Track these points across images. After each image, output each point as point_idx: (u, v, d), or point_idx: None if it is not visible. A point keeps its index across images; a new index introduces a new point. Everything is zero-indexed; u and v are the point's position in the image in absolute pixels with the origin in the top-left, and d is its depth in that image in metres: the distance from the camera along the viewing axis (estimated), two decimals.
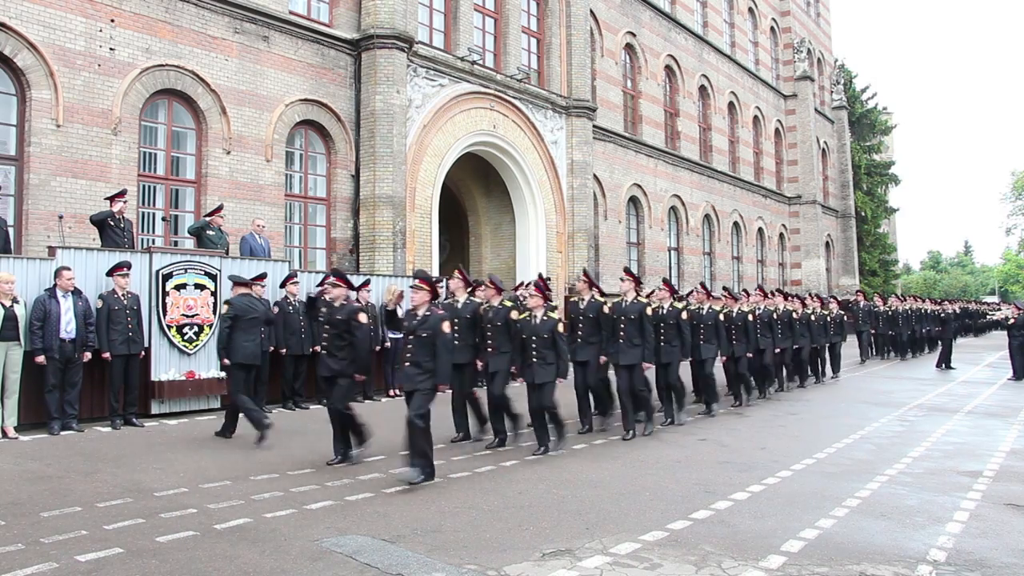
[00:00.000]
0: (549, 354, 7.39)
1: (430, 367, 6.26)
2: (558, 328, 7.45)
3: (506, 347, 7.74)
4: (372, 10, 14.05)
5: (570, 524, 5.05)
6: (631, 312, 8.45)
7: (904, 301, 21.85)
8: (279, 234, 12.99)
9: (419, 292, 6.51)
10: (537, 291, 7.69)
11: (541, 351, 7.38)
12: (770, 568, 4.28)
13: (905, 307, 20.99)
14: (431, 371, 6.25)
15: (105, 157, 10.83)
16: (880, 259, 42.31)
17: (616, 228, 21.54)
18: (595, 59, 20.84)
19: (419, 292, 6.51)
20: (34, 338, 7.95)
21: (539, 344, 7.40)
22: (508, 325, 7.78)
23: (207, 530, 4.81)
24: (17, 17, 10.00)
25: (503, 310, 7.86)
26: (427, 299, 6.50)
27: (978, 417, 10.36)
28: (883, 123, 44.89)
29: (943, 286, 71.32)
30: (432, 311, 6.41)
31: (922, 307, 22.58)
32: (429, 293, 6.51)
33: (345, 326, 6.85)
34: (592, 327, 8.61)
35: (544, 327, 7.46)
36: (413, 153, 14.93)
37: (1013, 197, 47.15)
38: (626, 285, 8.72)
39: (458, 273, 8.34)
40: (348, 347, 6.84)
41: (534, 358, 7.40)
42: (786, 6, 33.77)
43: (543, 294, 7.67)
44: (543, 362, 7.37)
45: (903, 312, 20.61)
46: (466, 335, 7.92)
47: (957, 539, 4.86)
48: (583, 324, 8.59)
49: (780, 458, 7.33)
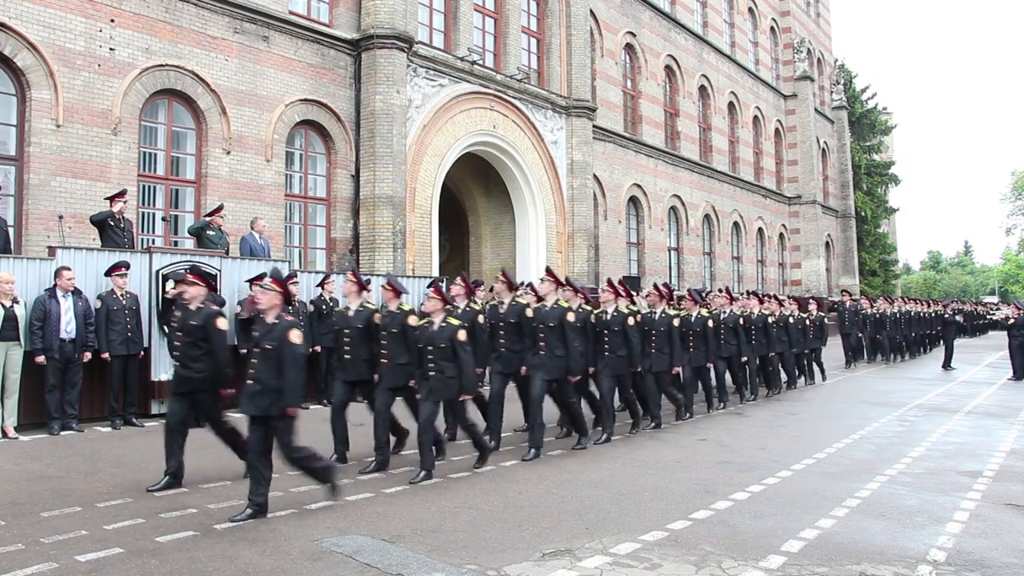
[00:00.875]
0: (448, 367, 6.34)
1: (276, 386, 5.14)
2: (458, 336, 6.36)
3: (403, 358, 6.67)
4: (372, 10, 14.05)
5: (570, 524, 5.05)
6: (551, 318, 7.48)
7: (893, 303, 20.67)
8: (279, 234, 12.99)
9: (267, 295, 5.34)
10: (435, 292, 6.61)
11: (439, 363, 6.32)
12: (770, 568, 4.28)
13: (894, 309, 19.91)
14: (278, 391, 5.13)
15: (105, 157, 10.83)
16: (880, 259, 42.33)
17: (616, 228, 21.54)
18: (595, 59, 20.84)
19: (267, 295, 5.34)
20: (34, 338, 7.94)
21: (436, 355, 6.34)
22: (404, 333, 6.68)
23: (207, 530, 4.81)
24: (17, 17, 10.00)
25: (399, 315, 6.77)
26: (277, 303, 5.35)
27: (978, 417, 10.36)
28: (883, 123, 44.90)
29: (943, 286, 71.32)
30: (281, 318, 5.29)
31: (913, 309, 21.34)
32: (280, 295, 5.37)
33: (201, 333, 5.82)
34: (514, 333, 7.71)
35: (442, 335, 6.38)
36: (413, 153, 14.93)
37: (1013, 197, 47.16)
38: (545, 287, 7.78)
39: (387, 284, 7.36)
40: (205, 358, 5.84)
41: (431, 371, 6.37)
42: (786, 6, 33.77)
43: (441, 296, 6.60)
44: (442, 375, 6.34)
45: (891, 315, 19.62)
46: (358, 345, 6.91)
47: (957, 539, 4.86)
48: (504, 331, 7.73)
49: (780, 458, 7.33)
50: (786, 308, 13.35)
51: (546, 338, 7.49)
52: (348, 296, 7.14)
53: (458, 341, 6.36)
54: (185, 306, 6.01)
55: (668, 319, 9.18)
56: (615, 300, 8.41)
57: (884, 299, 20.88)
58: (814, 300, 16.54)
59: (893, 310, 19.82)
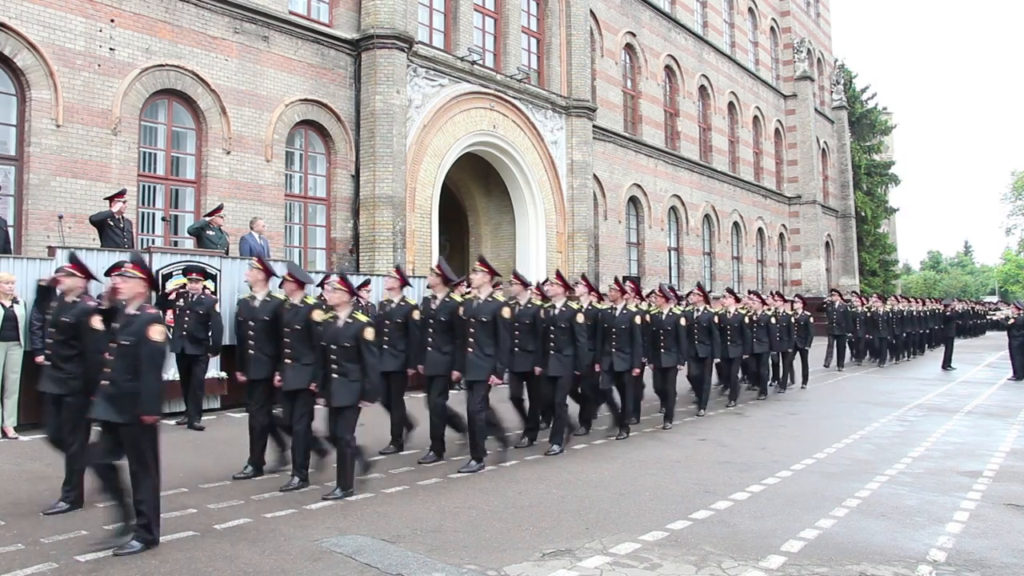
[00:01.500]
0: (352, 368, 5.70)
1: (132, 389, 4.47)
2: (364, 334, 5.71)
3: (308, 358, 5.99)
4: (372, 10, 14.05)
5: (570, 524, 5.05)
6: (483, 314, 6.78)
7: (887, 301, 19.84)
8: (279, 234, 12.99)
9: (128, 283, 4.72)
10: (341, 283, 5.89)
11: (342, 364, 5.68)
12: (770, 568, 4.28)
13: (886, 308, 18.99)
14: (133, 395, 4.45)
15: (105, 157, 10.83)
16: (880, 259, 42.34)
17: (616, 228, 21.54)
18: (595, 59, 20.85)
19: (128, 283, 4.72)
20: (34, 338, 7.93)
21: (339, 355, 5.70)
22: (309, 329, 6.02)
23: (207, 530, 4.81)
24: (17, 17, 10.00)
25: (304, 309, 6.07)
26: (141, 292, 4.72)
27: (978, 417, 10.36)
28: (883, 123, 44.91)
29: (943, 286, 71.30)
30: (143, 310, 4.66)
31: (906, 308, 20.40)
32: (144, 283, 4.76)
33: (73, 332, 5.20)
34: (445, 332, 7.08)
35: (346, 333, 5.73)
36: (413, 153, 14.93)
37: (1013, 197, 47.17)
38: (478, 278, 7.03)
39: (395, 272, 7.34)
40: (77, 358, 5.19)
41: (334, 372, 5.71)
42: (786, 6, 33.78)
43: (348, 287, 5.90)
44: (345, 379, 5.68)
45: (884, 314, 18.63)
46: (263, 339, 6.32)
47: (957, 539, 4.86)
48: (434, 329, 7.12)
49: (780, 458, 7.33)
50: (768, 307, 12.59)
51: (556, 338, 7.58)
52: (254, 284, 6.37)
53: (364, 340, 5.71)
54: (62, 298, 5.45)
55: (630, 316, 8.40)
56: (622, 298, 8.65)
57: (877, 297, 20.23)
58: (799, 299, 15.02)
59: (886, 309, 18.97)
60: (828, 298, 18.84)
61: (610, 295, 8.81)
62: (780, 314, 12.85)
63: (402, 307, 7.42)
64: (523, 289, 7.89)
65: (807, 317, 14.06)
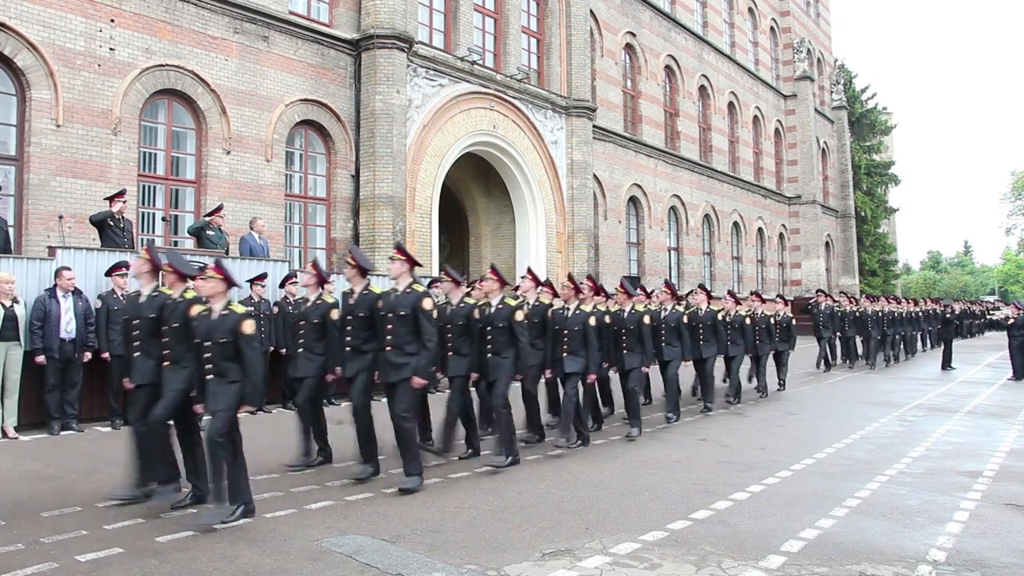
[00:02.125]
0: (230, 368, 5.00)
1: None
2: (243, 328, 4.97)
3: (189, 360, 5.26)
4: (372, 10, 14.05)
5: (570, 524, 5.05)
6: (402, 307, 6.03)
7: (876, 301, 18.91)
8: (279, 234, 12.99)
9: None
10: (215, 270, 5.17)
11: (218, 363, 5.00)
12: (770, 568, 4.28)
13: (876, 309, 18.15)
14: None
15: (105, 157, 10.83)
16: (880, 259, 42.35)
17: (616, 228, 21.54)
18: (595, 59, 20.85)
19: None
20: (34, 338, 7.94)
21: (215, 353, 5.02)
22: (187, 327, 5.28)
23: (207, 530, 4.81)
24: (17, 17, 10.00)
25: (182, 304, 5.37)
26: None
27: (978, 417, 10.36)
28: (883, 123, 44.93)
29: (943, 286, 71.32)
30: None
31: (898, 309, 19.54)
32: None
33: None
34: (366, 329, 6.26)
35: (222, 327, 5.02)
36: (413, 153, 14.93)
37: (1013, 197, 47.19)
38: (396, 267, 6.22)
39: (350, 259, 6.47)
40: None
41: (209, 373, 5.05)
42: (786, 6, 33.79)
43: (224, 275, 5.15)
44: (222, 380, 5.01)
45: (873, 314, 17.84)
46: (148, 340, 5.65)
47: (957, 539, 4.86)
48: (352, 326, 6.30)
49: (780, 458, 7.32)
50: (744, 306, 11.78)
51: (493, 339, 6.91)
52: (139, 277, 5.74)
53: (242, 335, 4.96)
54: None
55: (583, 316, 7.60)
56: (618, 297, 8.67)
57: (867, 298, 19.49)
58: (781, 298, 14.05)
59: (875, 309, 18.15)
60: (814, 299, 17.99)
61: (562, 293, 7.95)
62: (758, 315, 12.11)
63: (319, 306, 6.72)
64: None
65: (789, 319, 13.26)
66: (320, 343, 6.67)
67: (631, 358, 8.43)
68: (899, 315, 19.33)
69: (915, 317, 21.19)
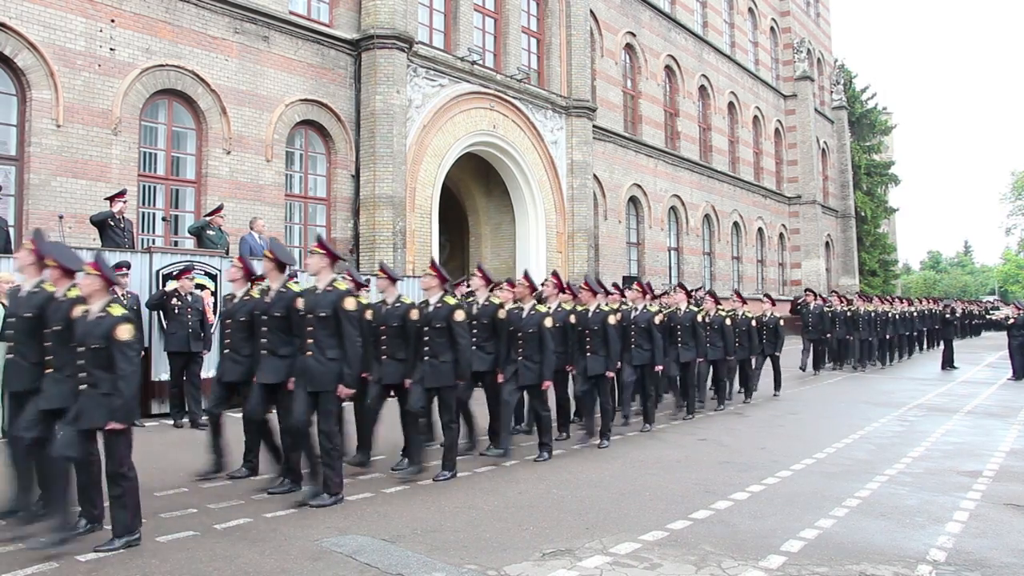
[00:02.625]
0: (104, 378, 4.44)
1: None
2: (118, 332, 4.41)
3: (70, 369, 4.59)
4: (372, 10, 14.05)
5: (570, 524, 5.05)
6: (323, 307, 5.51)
7: (870, 301, 18.39)
8: (279, 234, 12.98)
9: None
10: (93, 267, 4.57)
11: (90, 371, 4.45)
12: (770, 568, 4.28)
13: (869, 309, 17.52)
14: None
15: (105, 157, 10.83)
16: (880, 259, 42.34)
17: (616, 228, 21.54)
18: (595, 59, 20.85)
19: None
20: None
21: (87, 360, 4.46)
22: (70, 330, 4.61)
23: (207, 530, 4.81)
24: (17, 17, 10.00)
25: (65, 304, 4.67)
26: None
27: (978, 417, 10.36)
28: (883, 123, 44.92)
29: (943, 286, 71.34)
30: None
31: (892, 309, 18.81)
32: None
33: None
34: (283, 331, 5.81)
35: (96, 331, 4.46)
36: (413, 153, 14.94)
37: (1013, 197, 47.16)
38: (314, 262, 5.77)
39: None
40: None
41: (82, 383, 4.48)
42: (786, 6, 33.79)
43: (102, 273, 4.58)
44: (93, 391, 4.45)
45: (865, 315, 17.21)
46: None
47: (957, 539, 4.86)
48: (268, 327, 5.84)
49: (780, 458, 7.33)
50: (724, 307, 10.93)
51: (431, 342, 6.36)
52: (23, 270, 5.05)
53: (116, 340, 4.41)
54: None
55: (539, 317, 7.07)
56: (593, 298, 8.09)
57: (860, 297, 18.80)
58: (768, 299, 13.09)
59: (868, 309, 17.50)
60: (803, 298, 16.94)
61: (516, 292, 7.42)
62: (739, 316, 11.20)
63: (246, 303, 6.10)
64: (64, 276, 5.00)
65: (776, 320, 12.35)
66: (248, 344, 6.01)
67: (594, 362, 7.72)
68: (893, 316, 18.61)
69: (910, 318, 20.58)
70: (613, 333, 7.87)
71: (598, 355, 7.78)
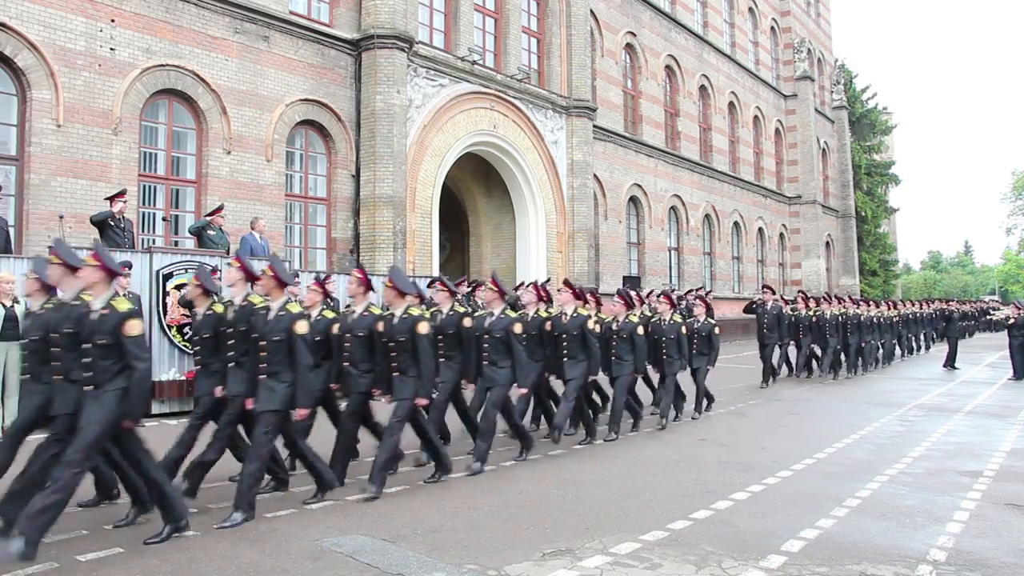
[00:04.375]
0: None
1: None
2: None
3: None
4: (372, 10, 14.06)
5: (570, 524, 5.05)
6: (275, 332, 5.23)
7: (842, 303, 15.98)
8: (279, 234, 12.99)
9: None
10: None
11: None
12: (770, 568, 4.28)
13: (836, 311, 15.26)
14: None
15: (105, 157, 10.84)
16: (880, 259, 42.36)
17: (616, 228, 21.54)
18: (595, 59, 20.86)
19: None
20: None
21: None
22: None
23: (207, 530, 4.81)
24: (17, 17, 10.01)
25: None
26: None
27: (978, 417, 10.36)
28: (883, 123, 44.93)
29: (943, 286, 71.35)
30: None
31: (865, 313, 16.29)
32: None
33: None
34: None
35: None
36: (413, 153, 14.94)
37: (1013, 197, 47.25)
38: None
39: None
40: None
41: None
42: (786, 6, 33.80)
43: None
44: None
45: (831, 318, 14.97)
46: None
47: (957, 539, 4.86)
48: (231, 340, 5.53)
49: (780, 458, 7.32)
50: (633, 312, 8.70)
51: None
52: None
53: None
54: None
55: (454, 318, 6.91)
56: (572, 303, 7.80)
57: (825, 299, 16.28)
58: (700, 300, 10.84)
59: (835, 311, 15.23)
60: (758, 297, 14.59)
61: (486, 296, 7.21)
62: (667, 323, 9.15)
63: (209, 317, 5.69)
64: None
65: (710, 327, 9.99)
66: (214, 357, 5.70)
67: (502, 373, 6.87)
68: (866, 320, 16.16)
69: (890, 323, 17.98)
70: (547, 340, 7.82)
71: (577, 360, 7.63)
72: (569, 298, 7.88)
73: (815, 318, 15.00)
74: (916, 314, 21.70)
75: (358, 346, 6.14)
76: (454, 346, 7.07)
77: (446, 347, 7.01)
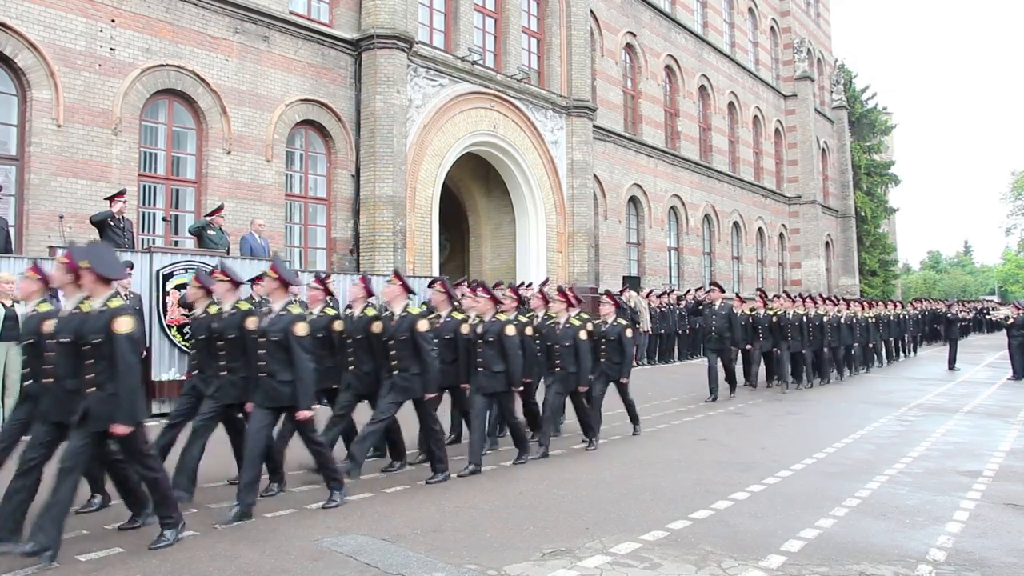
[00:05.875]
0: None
1: None
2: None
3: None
4: (372, 10, 14.06)
5: (570, 524, 5.05)
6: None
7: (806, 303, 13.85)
8: (279, 234, 12.99)
9: None
10: None
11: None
12: (770, 568, 4.28)
13: (798, 311, 13.35)
14: None
15: (105, 157, 10.84)
16: (880, 259, 42.33)
17: (616, 228, 21.55)
18: (595, 59, 20.86)
19: None
20: None
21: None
22: None
23: (207, 530, 4.81)
24: (17, 17, 10.01)
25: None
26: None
27: (978, 417, 10.36)
28: (883, 123, 44.91)
29: (943, 286, 71.35)
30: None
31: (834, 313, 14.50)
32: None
33: None
34: None
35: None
36: (413, 153, 14.94)
37: (1013, 197, 47.21)
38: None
39: None
40: None
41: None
42: (786, 6, 33.80)
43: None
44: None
45: (794, 320, 13.08)
46: None
47: (957, 539, 4.86)
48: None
49: (780, 458, 7.33)
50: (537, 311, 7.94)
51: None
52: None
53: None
54: None
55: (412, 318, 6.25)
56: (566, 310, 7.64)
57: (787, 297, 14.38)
58: (609, 297, 8.55)
59: (799, 312, 13.35)
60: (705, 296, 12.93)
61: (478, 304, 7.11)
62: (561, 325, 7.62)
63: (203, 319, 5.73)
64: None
65: (619, 330, 8.17)
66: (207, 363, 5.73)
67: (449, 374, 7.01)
68: (833, 322, 14.22)
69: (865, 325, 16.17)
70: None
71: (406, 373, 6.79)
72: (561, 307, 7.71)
73: (775, 318, 13.00)
74: (898, 315, 19.87)
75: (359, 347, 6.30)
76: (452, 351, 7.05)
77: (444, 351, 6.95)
